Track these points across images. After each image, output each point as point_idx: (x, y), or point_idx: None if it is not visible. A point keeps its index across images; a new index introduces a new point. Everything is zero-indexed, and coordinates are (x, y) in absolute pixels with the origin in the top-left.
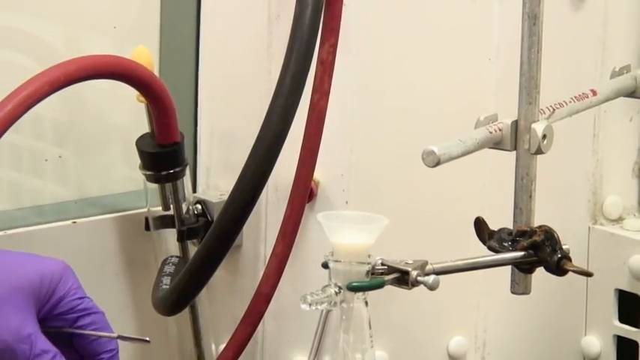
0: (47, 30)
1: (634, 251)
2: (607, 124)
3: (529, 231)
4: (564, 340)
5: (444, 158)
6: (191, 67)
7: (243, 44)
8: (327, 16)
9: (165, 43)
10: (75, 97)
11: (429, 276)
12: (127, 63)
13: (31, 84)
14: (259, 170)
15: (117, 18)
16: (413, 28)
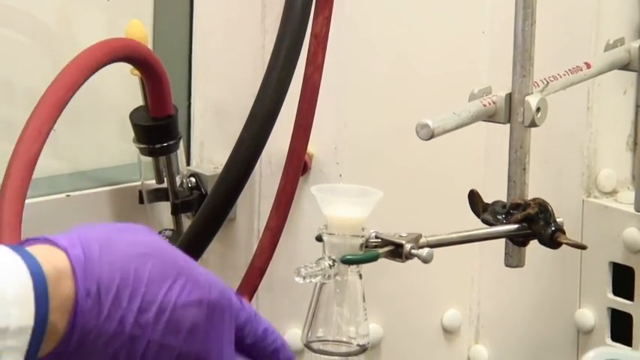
0: (40, 5)
1: (628, 224)
2: (601, 97)
3: (523, 204)
4: (558, 313)
5: (437, 131)
6: (185, 41)
7: (237, 18)
8: None
9: (158, 17)
10: None
11: (422, 249)
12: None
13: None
14: (253, 143)
15: None
16: (407, 1)
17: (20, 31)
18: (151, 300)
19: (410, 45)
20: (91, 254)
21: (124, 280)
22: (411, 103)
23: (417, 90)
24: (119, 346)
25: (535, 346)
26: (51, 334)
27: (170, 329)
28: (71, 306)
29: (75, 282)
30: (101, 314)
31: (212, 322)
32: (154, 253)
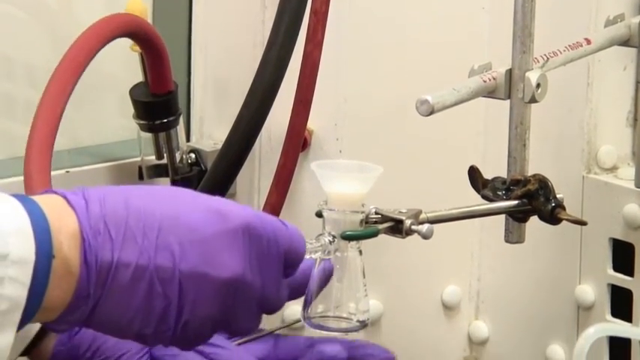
0: None
1: (628, 200)
2: (601, 73)
3: (523, 180)
4: (558, 289)
5: (437, 107)
6: (185, 16)
7: None
8: None
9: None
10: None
11: (422, 225)
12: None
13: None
14: (253, 120)
15: None
16: None
17: (20, 8)
18: (171, 227)
19: (410, 21)
20: (91, 197)
21: (135, 216)
22: (411, 79)
23: (417, 66)
24: (148, 282)
25: (535, 322)
26: (64, 274)
27: (200, 258)
28: (79, 244)
29: (78, 219)
30: (115, 249)
31: (251, 248)
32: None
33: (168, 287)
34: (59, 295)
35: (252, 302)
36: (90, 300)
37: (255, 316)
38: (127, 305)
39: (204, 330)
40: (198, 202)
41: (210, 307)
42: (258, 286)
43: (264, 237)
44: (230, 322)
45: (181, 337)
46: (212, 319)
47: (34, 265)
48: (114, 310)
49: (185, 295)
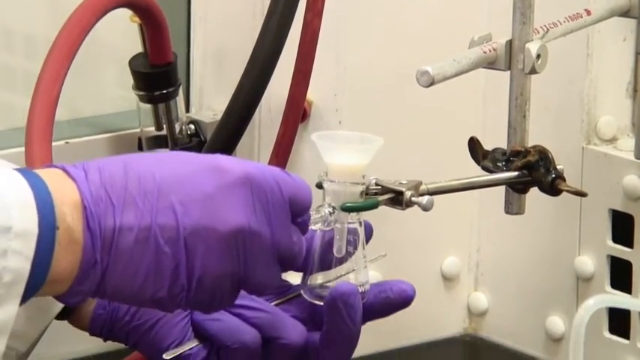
0: None
1: (628, 171)
2: (601, 44)
3: (523, 151)
4: (558, 261)
5: (438, 78)
6: None
7: None
8: None
9: None
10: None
11: (422, 196)
12: None
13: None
14: (253, 90)
15: None
16: None
17: None
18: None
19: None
20: (90, 168)
21: (134, 180)
22: (411, 49)
23: (417, 36)
24: (153, 243)
25: (534, 293)
26: (69, 244)
27: (203, 213)
28: (81, 213)
29: (78, 189)
30: (117, 214)
31: (254, 198)
32: (164, 155)
33: (175, 246)
34: (66, 266)
35: (265, 253)
36: (97, 268)
37: (273, 267)
38: (136, 269)
39: (222, 288)
40: (196, 161)
41: (221, 262)
42: (267, 236)
43: (266, 187)
44: (248, 277)
45: (199, 298)
46: (227, 275)
47: (38, 238)
48: (123, 276)
49: (193, 252)
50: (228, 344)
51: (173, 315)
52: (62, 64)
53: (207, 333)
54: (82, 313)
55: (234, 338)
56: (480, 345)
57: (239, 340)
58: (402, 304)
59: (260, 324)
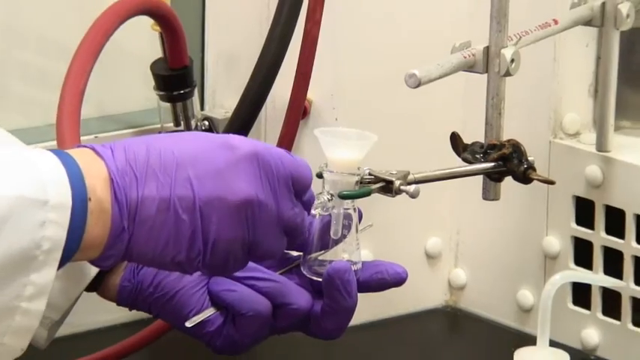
0: None
1: (589, 162)
2: (566, 50)
3: (498, 144)
4: (528, 241)
5: (424, 80)
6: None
7: None
8: None
9: None
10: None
11: (410, 185)
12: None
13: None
14: (259, 90)
15: None
16: None
17: None
18: (187, 162)
19: (398, 3)
20: (116, 146)
21: (155, 156)
22: (400, 54)
23: (406, 43)
24: (172, 211)
25: (507, 269)
26: (99, 214)
27: (216, 185)
28: (109, 185)
29: (106, 165)
30: (140, 186)
31: (261, 172)
32: (182, 134)
33: (191, 215)
34: (98, 233)
35: (271, 221)
36: (125, 234)
37: (278, 236)
38: (158, 235)
39: (234, 253)
40: (210, 139)
41: (233, 229)
42: (273, 207)
43: (271, 162)
44: (257, 244)
45: (215, 262)
46: (238, 241)
47: (72, 209)
48: (147, 241)
49: (207, 220)
50: (244, 312)
51: (191, 286)
52: (87, 62)
53: (223, 303)
54: (110, 286)
55: (248, 307)
56: (459, 315)
57: (253, 309)
58: (396, 284)
59: (271, 292)
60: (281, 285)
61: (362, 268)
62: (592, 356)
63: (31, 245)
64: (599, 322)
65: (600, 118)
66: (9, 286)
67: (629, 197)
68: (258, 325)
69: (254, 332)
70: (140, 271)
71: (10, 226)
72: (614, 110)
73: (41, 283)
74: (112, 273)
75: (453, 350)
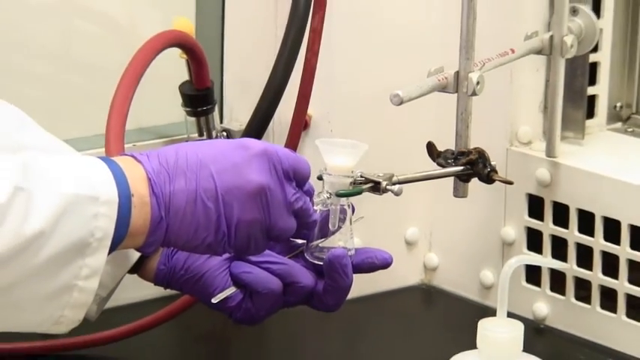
0: (113, 6)
1: (540, 166)
2: (520, 74)
3: (466, 152)
4: (489, 230)
5: (405, 99)
6: (218, 33)
7: (256, 17)
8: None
9: (200, 16)
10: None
11: (394, 185)
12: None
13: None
14: (268, 108)
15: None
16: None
17: (99, 25)
18: (209, 161)
19: (383, 37)
20: (151, 153)
21: (183, 158)
22: (385, 78)
23: (389, 68)
24: (200, 201)
25: (472, 254)
26: (141, 206)
27: (234, 177)
28: (147, 183)
29: (144, 167)
30: (172, 181)
31: (269, 165)
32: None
33: (215, 203)
34: (141, 223)
35: (280, 205)
36: (163, 223)
37: (288, 217)
38: (190, 221)
39: (254, 234)
40: (227, 142)
41: (250, 212)
42: (281, 193)
43: (277, 158)
44: (272, 225)
45: (239, 243)
46: (256, 222)
47: (118, 204)
48: (181, 227)
49: (229, 206)
50: (259, 290)
51: (215, 269)
52: (131, 86)
53: (242, 282)
54: (148, 269)
55: (263, 286)
56: (432, 292)
57: (267, 287)
58: (383, 267)
59: (281, 273)
60: (290, 267)
61: (355, 254)
62: (542, 325)
63: (86, 234)
64: (548, 297)
65: (549, 130)
66: (68, 267)
67: (573, 195)
68: (271, 301)
69: (268, 306)
70: (173, 257)
71: (69, 218)
72: (560, 123)
73: (94, 265)
74: (149, 259)
75: (427, 321)
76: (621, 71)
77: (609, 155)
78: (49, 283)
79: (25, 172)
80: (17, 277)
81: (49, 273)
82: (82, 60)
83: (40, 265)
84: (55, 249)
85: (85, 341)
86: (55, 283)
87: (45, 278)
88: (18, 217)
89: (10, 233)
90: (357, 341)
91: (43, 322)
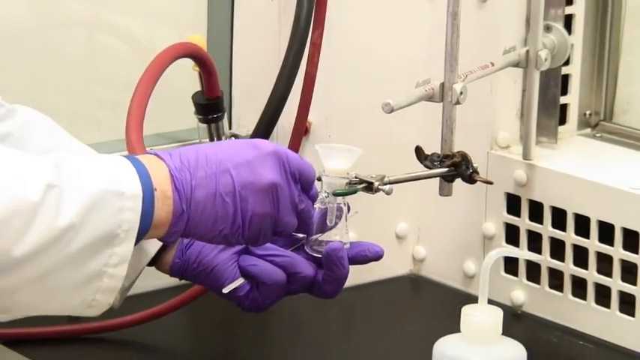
0: (134, 23)
1: (517, 168)
2: (499, 85)
3: (451, 155)
4: (472, 226)
5: (396, 107)
6: (227, 48)
7: (261, 32)
8: (316, 13)
9: (210, 32)
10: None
11: (386, 185)
12: (192, 46)
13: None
14: (272, 115)
15: (179, 14)
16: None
17: (120, 41)
18: (227, 159)
19: (375, 51)
20: (173, 152)
21: (202, 156)
22: (377, 88)
23: (381, 79)
24: (219, 195)
25: (456, 246)
26: (164, 200)
27: (248, 173)
28: (170, 179)
29: (166, 165)
30: (193, 177)
31: (279, 165)
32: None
33: (232, 197)
34: (164, 215)
35: (288, 202)
36: (184, 215)
37: (292, 215)
38: (209, 214)
39: (264, 227)
40: (241, 142)
41: (263, 206)
42: (288, 190)
43: (286, 159)
44: (279, 219)
45: (251, 234)
46: (267, 216)
47: (142, 198)
48: (200, 219)
49: (244, 200)
50: (265, 281)
51: (225, 262)
52: (145, 95)
53: (250, 274)
54: (165, 262)
55: (268, 277)
56: (420, 281)
57: (272, 279)
58: (375, 259)
59: (285, 265)
60: (292, 259)
61: (350, 247)
62: (519, 311)
63: (114, 226)
64: (524, 286)
65: (525, 135)
66: (99, 256)
67: (547, 193)
68: (276, 290)
69: (273, 296)
70: (187, 252)
71: (97, 212)
72: (535, 129)
73: (123, 254)
74: (166, 253)
75: (415, 307)
76: (590, 82)
77: (580, 158)
78: (81, 271)
79: (57, 171)
80: (52, 266)
81: (80, 261)
82: (104, 72)
83: (72, 254)
84: (86, 240)
85: (107, 325)
86: (87, 270)
87: (77, 266)
88: (50, 211)
89: (44, 227)
90: (352, 325)
91: (77, 306)
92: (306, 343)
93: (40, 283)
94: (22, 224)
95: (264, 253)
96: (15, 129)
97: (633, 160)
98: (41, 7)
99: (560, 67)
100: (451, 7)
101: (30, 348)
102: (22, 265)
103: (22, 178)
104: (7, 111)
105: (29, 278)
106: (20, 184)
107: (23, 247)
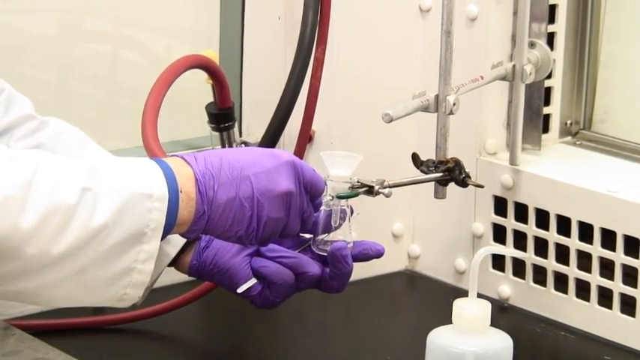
0: (152, 39)
1: (504, 172)
2: (488, 96)
3: (445, 160)
4: (462, 225)
5: (395, 117)
6: (238, 62)
7: (269, 49)
8: (319, 31)
9: (222, 48)
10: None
11: (385, 189)
12: (205, 59)
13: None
14: (279, 124)
15: (194, 32)
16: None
17: (141, 55)
18: (248, 167)
19: (375, 66)
20: (198, 156)
21: (226, 163)
22: (377, 99)
23: (381, 92)
24: (238, 200)
25: (448, 244)
26: (188, 201)
27: (267, 181)
28: (194, 182)
29: (192, 168)
30: (216, 182)
31: (294, 174)
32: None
33: (251, 202)
34: (187, 215)
35: (297, 209)
36: (205, 215)
37: (300, 220)
38: (227, 216)
39: (276, 230)
40: (260, 151)
41: (277, 211)
42: (300, 200)
43: (300, 169)
44: (288, 224)
45: (264, 236)
46: (280, 220)
47: (169, 199)
48: (219, 221)
49: (261, 206)
50: (275, 281)
51: (238, 264)
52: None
53: (261, 275)
54: (183, 263)
55: (278, 277)
56: (415, 277)
57: (281, 279)
58: (376, 257)
59: (293, 265)
60: (300, 259)
61: (353, 246)
62: (506, 304)
63: (142, 225)
64: (510, 281)
65: (511, 143)
66: (129, 252)
67: (531, 196)
68: (285, 289)
69: (283, 294)
70: (204, 254)
71: (128, 213)
72: (520, 137)
73: (150, 251)
74: (184, 255)
75: (411, 300)
76: (570, 94)
77: (561, 164)
78: (113, 267)
79: (91, 175)
80: (87, 262)
81: (113, 258)
82: (125, 84)
83: (105, 252)
84: (117, 238)
85: (128, 317)
86: (118, 266)
87: (110, 263)
88: (85, 213)
89: (80, 227)
90: (352, 316)
91: (110, 299)
92: (310, 332)
93: (76, 279)
94: (60, 225)
95: (274, 255)
96: (47, 139)
97: (610, 166)
98: (68, 24)
99: (544, 81)
100: (445, 25)
101: (56, 338)
102: (60, 263)
103: (59, 182)
104: (41, 123)
105: (67, 274)
106: (58, 187)
107: (61, 246)
